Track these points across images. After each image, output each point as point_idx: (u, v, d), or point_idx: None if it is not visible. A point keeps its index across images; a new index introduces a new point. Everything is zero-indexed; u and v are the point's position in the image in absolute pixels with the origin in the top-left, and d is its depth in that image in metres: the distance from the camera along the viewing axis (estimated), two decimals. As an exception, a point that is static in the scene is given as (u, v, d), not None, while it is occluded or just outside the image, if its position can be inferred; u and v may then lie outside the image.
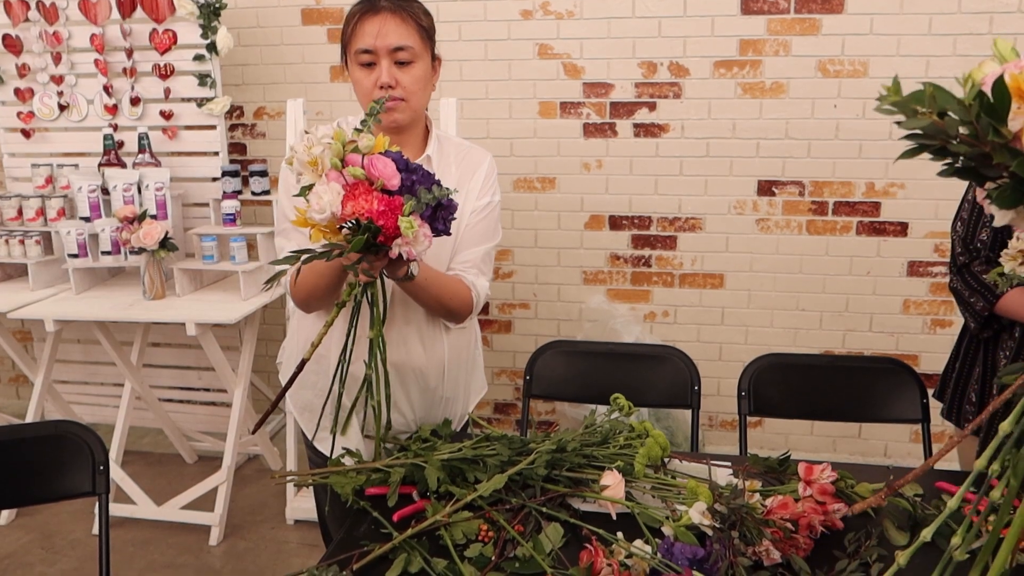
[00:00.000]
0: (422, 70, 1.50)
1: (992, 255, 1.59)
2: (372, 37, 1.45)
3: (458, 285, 1.56)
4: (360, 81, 1.50)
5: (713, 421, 3.24)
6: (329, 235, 1.24)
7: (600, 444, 1.36)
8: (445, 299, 1.53)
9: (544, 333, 3.21)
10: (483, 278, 1.61)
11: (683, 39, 2.93)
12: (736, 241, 3.05)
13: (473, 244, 1.61)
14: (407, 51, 1.47)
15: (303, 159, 1.23)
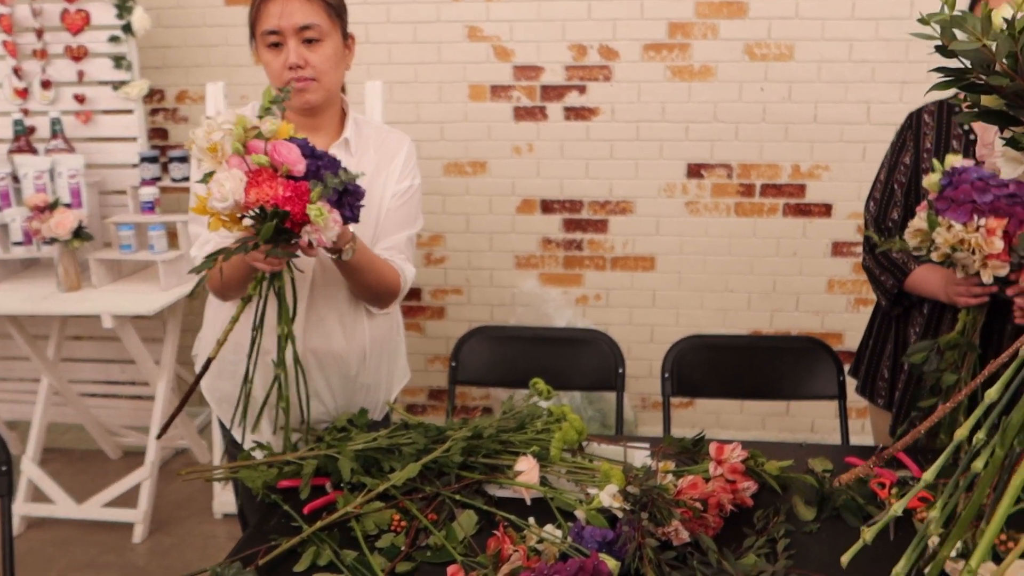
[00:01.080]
0: (332, 48, 1.47)
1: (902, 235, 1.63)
2: (276, 17, 1.41)
3: (389, 269, 1.54)
4: (270, 63, 1.46)
5: (646, 402, 3.27)
6: (230, 224, 1.20)
7: (517, 430, 1.35)
8: (377, 283, 1.51)
9: (477, 318, 3.19)
10: (409, 264, 1.60)
11: (612, 22, 2.93)
12: (666, 224, 3.07)
13: (396, 230, 1.58)
14: (314, 29, 1.43)
15: (202, 145, 1.19)
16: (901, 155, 1.62)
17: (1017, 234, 1.26)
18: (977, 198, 1.24)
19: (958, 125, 1.55)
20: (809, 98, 2.93)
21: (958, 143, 1.54)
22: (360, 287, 1.51)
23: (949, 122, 1.57)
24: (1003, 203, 1.24)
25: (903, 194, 1.62)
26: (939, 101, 1.61)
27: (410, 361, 3.25)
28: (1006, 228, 1.25)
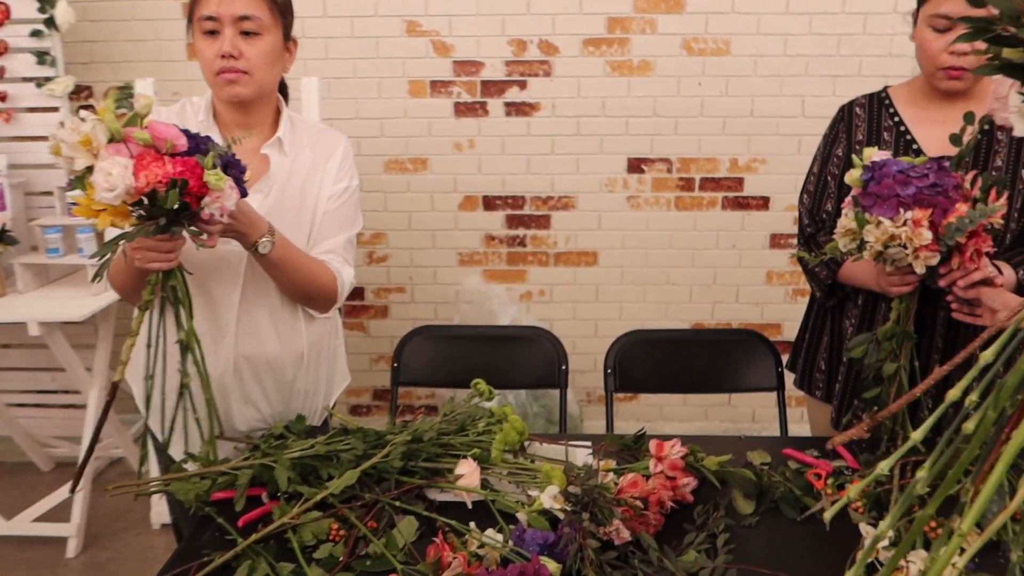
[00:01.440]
0: (270, 45, 1.43)
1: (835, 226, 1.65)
2: (216, 4, 1.37)
3: (323, 269, 1.50)
4: (203, 51, 1.41)
5: (591, 397, 3.29)
6: (119, 220, 1.16)
7: (458, 432, 1.34)
8: (308, 283, 1.47)
9: (421, 317, 3.17)
10: (348, 267, 1.56)
11: (552, 16, 2.92)
12: (608, 218, 3.09)
13: (333, 232, 1.55)
14: (253, 21, 1.39)
15: (72, 140, 1.13)
16: (834, 147, 1.65)
17: (943, 223, 1.28)
18: (900, 191, 1.26)
19: (889, 117, 1.59)
20: (745, 92, 2.97)
21: (889, 135, 1.58)
22: (289, 287, 1.48)
23: (880, 115, 1.60)
24: (926, 194, 1.25)
25: (836, 186, 1.64)
26: (870, 94, 1.64)
27: (353, 361, 3.22)
28: (931, 218, 1.27)
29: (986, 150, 1.51)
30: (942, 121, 1.54)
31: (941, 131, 1.54)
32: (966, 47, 1.41)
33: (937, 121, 1.55)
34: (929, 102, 1.56)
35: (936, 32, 1.45)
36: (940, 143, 1.54)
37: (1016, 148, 1.50)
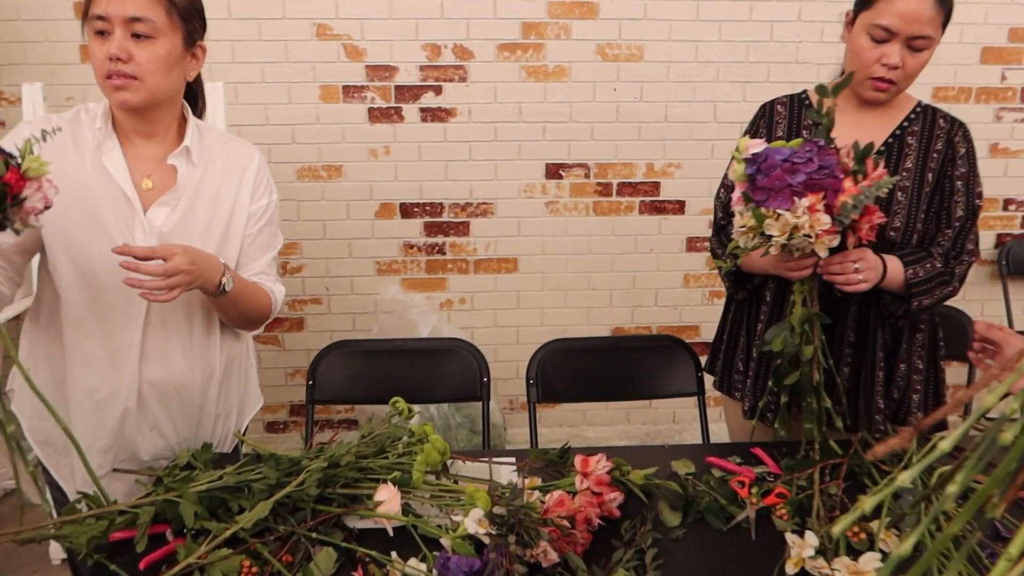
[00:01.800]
0: (165, 49, 1.33)
1: None
2: (106, 2, 1.27)
3: (262, 293, 1.47)
4: (93, 52, 1.31)
5: (514, 404, 3.27)
6: None
7: (377, 454, 1.28)
8: (252, 308, 1.45)
9: (338, 328, 3.08)
10: (279, 284, 1.54)
11: (466, 21, 2.88)
12: (527, 225, 3.07)
13: (261, 253, 1.51)
14: (146, 24, 1.29)
15: None
16: None
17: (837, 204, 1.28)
18: (791, 180, 1.25)
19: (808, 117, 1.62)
20: (659, 98, 3.00)
21: (808, 134, 1.60)
22: (238, 317, 1.45)
23: (800, 114, 1.63)
24: (815, 178, 1.25)
25: None
26: (791, 95, 1.67)
27: (269, 376, 3.12)
28: (824, 201, 1.27)
29: (897, 155, 1.55)
30: (858, 125, 1.58)
31: (856, 134, 1.57)
32: (898, 61, 1.44)
33: (853, 125, 1.58)
34: (847, 105, 1.59)
35: (873, 41, 1.46)
36: None
37: (924, 153, 1.54)
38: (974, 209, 1.53)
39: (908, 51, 1.44)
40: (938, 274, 1.51)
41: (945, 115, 1.57)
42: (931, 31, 1.43)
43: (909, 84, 1.52)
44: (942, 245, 1.53)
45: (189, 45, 1.38)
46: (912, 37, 1.43)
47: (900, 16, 1.41)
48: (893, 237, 1.55)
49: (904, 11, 1.41)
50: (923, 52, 1.45)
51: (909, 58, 1.45)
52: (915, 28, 1.41)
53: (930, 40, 1.44)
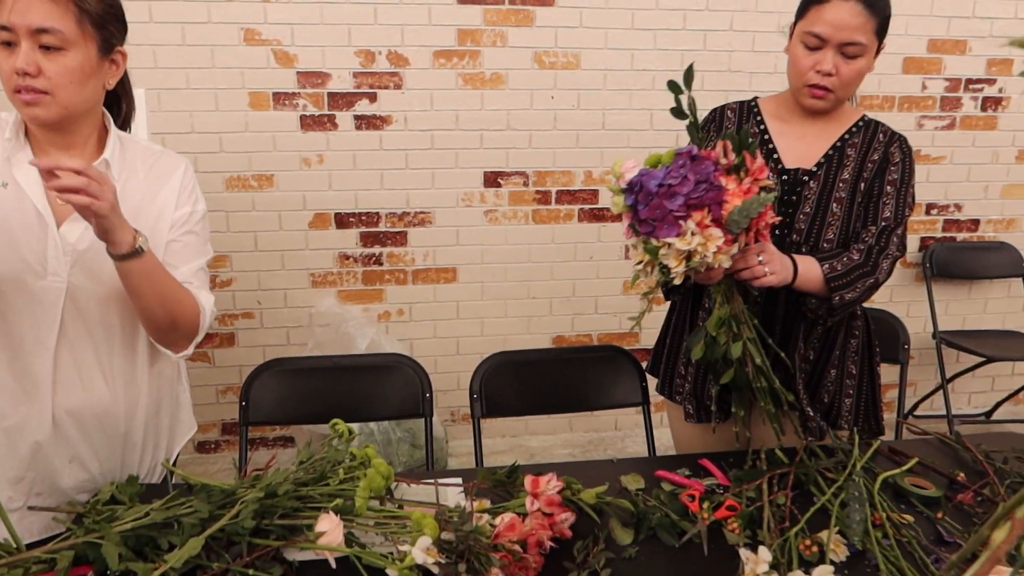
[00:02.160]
0: (77, 61, 1.23)
1: None
2: (9, 10, 1.17)
3: (184, 292, 1.32)
4: (0, 64, 1.21)
5: (455, 415, 3.22)
6: None
7: (317, 481, 1.22)
8: (176, 301, 1.29)
9: (272, 343, 2.98)
10: (207, 293, 1.39)
11: (401, 27, 2.83)
12: (466, 234, 3.03)
13: (182, 262, 1.37)
14: (54, 35, 1.19)
15: None
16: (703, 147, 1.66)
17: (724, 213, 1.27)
18: (671, 206, 1.22)
19: (756, 125, 1.62)
20: (597, 105, 3.00)
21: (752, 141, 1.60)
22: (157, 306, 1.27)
23: (749, 122, 1.64)
24: (694, 198, 1.23)
25: None
26: (741, 101, 1.67)
27: (199, 395, 2.99)
28: (712, 216, 1.25)
29: (836, 166, 1.57)
30: (802, 136, 1.59)
31: (800, 146, 1.59)
32: (831, 67, 1.46)
33: (798, 135, 1.59)
34: (792, 116, 1.60)
35: (807, 49, 1.48)
36: (797, 156, 1.59)
37: (860, 164, 1.56)
38: (903, 215, 1.54)
39: (842, 58, 1.46)
40: (857, 266, 1.50)
41: (886, 129, 1.59)
42: (862, 38, 1.44)
43: (848, 92, 1.53)
44: (865, 241, 1.53)
45: (106, 52, 1.29)
46: (843, 44, 1.44)
47: (830, 23, 1.43)
48: (827, 248, 1.55)
49: (833, 19, 1.43)
50: (857, 60, 1.47)
51: (843, 65, 1.46)
52: (845, 35, 1.43)
53: (862, 47, 1.45)
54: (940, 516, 1.30)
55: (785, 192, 1.58)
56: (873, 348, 1.68)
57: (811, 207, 1.56)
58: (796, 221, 1.57)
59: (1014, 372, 3.65)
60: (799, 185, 1.57)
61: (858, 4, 1.42)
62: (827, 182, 1.56)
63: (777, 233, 1.57)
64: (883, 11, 1.46)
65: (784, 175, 1.58)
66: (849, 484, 1.31)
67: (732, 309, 1.41)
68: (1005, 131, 3.34)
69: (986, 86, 3.27)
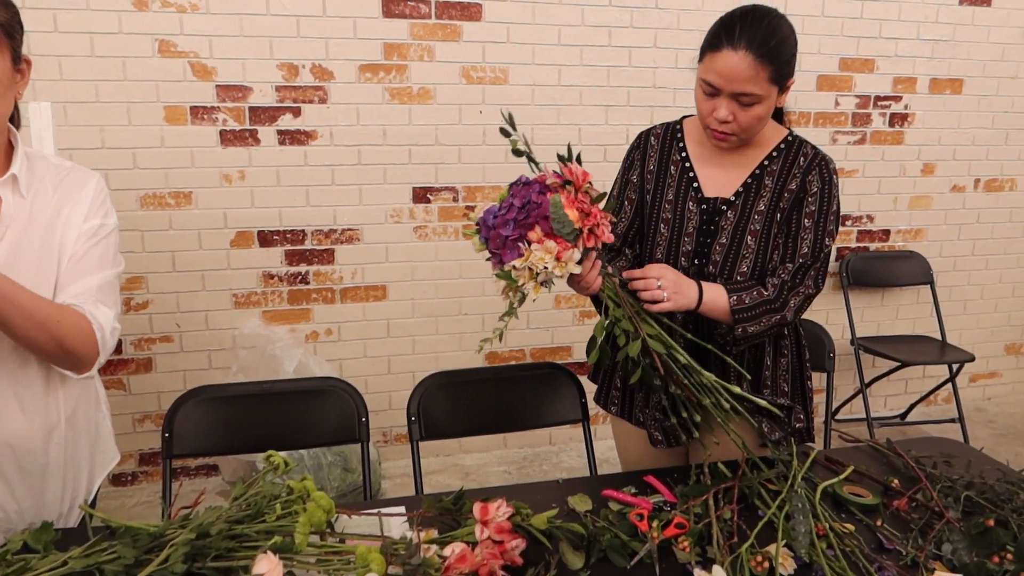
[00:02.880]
0: None
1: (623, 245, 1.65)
2: None
3: (68, 312, 1.22)
4: None
5: (388, 436, 3.14)
6: None
7: (253, 519, 1.15)
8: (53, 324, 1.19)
9: (192, 367, 2.85)
10: (104, 307, 1.29)
11: (324, 40, 2.76)
12: (396, 250, 2.97)
13: (83, 275, 1.28)
14: None
15: None
16: (629, 173, 1.66)
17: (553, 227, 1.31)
18: (506, 232, 1.30)
19: (678, 152, 1.61)
20: (525, 121, 2.99)
21: (675, 169, 1.60)
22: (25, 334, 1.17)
23: (671, 148, 1.61)
24: (522, 219, 1.31)
25: (632, 211, 1.64)
26: (667, 123, 1.65)
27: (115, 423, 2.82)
28: (544, 232, 1.30)
29: (753, 197, 1.56)
30: (720, 164, 1.57)
31: (718, 174, 1.58)
32: (727, 115, 1.41)
33: (716, 164, 1.57)
34: (710, 143, 1.58)
35: (705, 94, 1.44)
36: (717, 185, 1.57)
37: (777, 195, 1.55)
38: (820, 248, 1.51)
39: (737, 105, 1.41)
40: (765, 302, 1.48)
41: (808, 151, 1.54)
42: (754, 88, 1.38)
43: (751, 134, 1.47)
44: (780, 277, 1.51)
45: (17, 63, 1.22)
46: (736, 94, 1.39)
47: (720, 74, 1.38)
48: (740, 281, 1.53)
49: (723, 69, 1.38)
50: (754, 107, 1.40)
51: (740, 112, 1.41)
52: (736, 86, 1.38)
53: (757, 97, 1.39)
54: (879, 524, 1.33)
55: (703, 222, 1.56)
56: (804, 364, 1.67)
57: (727, 238, 1.54)
58: (712, 252, 1.54)
59: (925, 375, 3.82)
60: (717, 215, 1.55)
61: (748, 55, 1.36)
62: (744, 213, 1.54)
63: (696, 263, 1.56)
64: (778, 58, 1.38)
65: (703, 204, 1.56)
66: (792, 496, 1.32)
67: (624, 312, 1.42)
68: (911, 145, 3.50)
69: (893, 103, 3.43)
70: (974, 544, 1.23)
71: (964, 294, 3.79)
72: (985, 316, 3.87)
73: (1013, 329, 3.95)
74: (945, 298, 3.70)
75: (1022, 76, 3.56)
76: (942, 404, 3.85)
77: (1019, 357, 4.01)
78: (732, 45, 1.37)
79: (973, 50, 3.46)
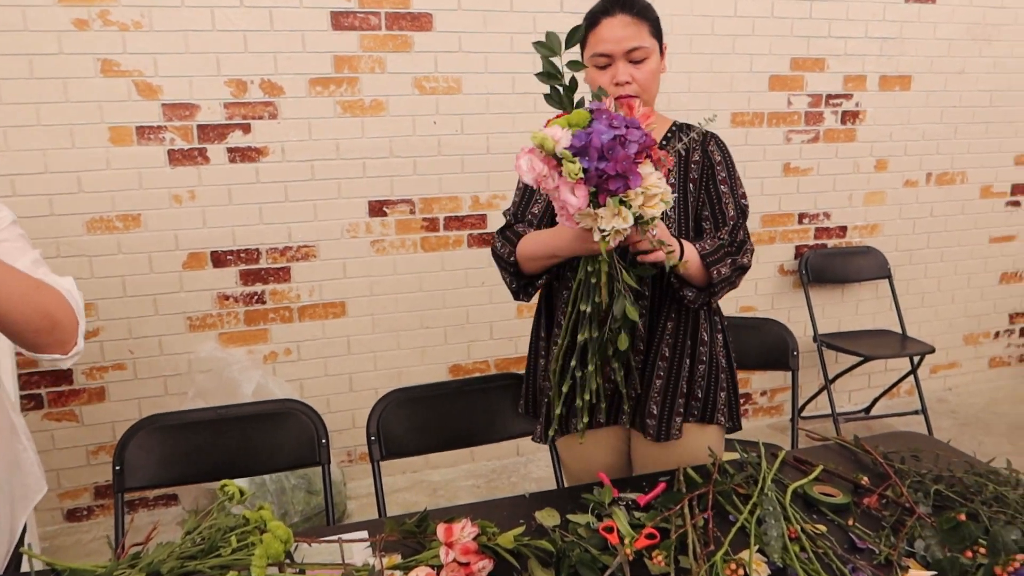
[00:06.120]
0: None
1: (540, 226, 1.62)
2: None
3: (39, 282, 1.12)
4: None
5: (352, 456, 3.08)
6: None
7: (208, 554, 1.10)
8: (37, 294, 1.09)
9: (147, 395, 2.76)
10: (57, 277, 1.19)
11: (273, 55, 2.71)
12: (353, 266, 2.92)
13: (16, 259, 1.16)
14: None
15: None
16: None
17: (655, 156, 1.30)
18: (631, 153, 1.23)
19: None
20: (480, 130, 2.97)
21: None
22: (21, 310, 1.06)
23: None
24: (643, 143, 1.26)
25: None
26: None
27: (67, 457, 2.74)
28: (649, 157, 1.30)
29: None
30: None
31: None
32: (627, 76, 1.49)
33: None
34: None
35: (599, 69, 1.52)
36: None
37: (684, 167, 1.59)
38: (742, 208, 1.59)
39: (632, 66, 1.50)
40: (721, 246, 1.53)
41: (698, 129, 1.63)
42: (642, 42, 1.49)
43: (651, 94, 1.55)
44: (721, 237, 1.56)
45: None
46: (628, 52, 1.49)
47: (608, 40, 1.49)
48: None
49: (609, 36, 1.49)
50: (647, 62, 1.51)
51: (636, 71, 1.50)
52: (625, 44, 1.48)
53: (646, 50, 1.50)
54: (851, 523, 1.32)
55: None
56: (728, 344, 1.69)
57: None
58: None
59: (887, 368, 3.86)
60: None
61: (627, 16, 1.49)
62: None
63: None
64: (650, 15, 1.53)
65: None
66: (763, 499, 1.31)
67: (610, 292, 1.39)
68: (864, 142, 3.55)
69: (844, 101, 3.47)
70: (946, 539, 1.22)
71: (921, 287, 3.85)
72: (943, 308, 3.93)
73: (970, 320, 4.02)
74: (903, 291, 3.75)
75: (968, 71, 3.63)
76: (905, 396, 3.89)
77: (977, 347, 4.08)
78: (610, 14, 1.50)
79: (920, 47, 3.52)
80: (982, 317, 4.04)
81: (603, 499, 1.36)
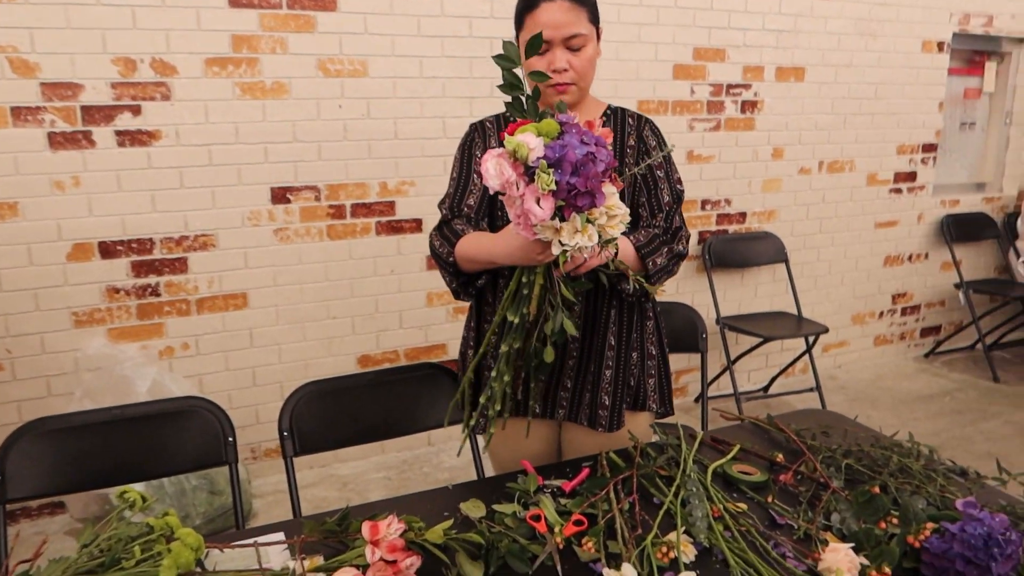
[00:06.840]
0: None
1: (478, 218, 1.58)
2: None
3: None
4: None
5: (256, 452, 2.96)
6: None
7: (110, 567, 1.01)
8: None
9: (29, 396, 2.56)
10: None
11: (165, 32, 2.55)
12: (255, 255, 2.79)
13: None
14: None
15: None
16: (472, 149, 1.61)
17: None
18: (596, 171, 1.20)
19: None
20: (388, 114, 2.89)
21: None
22: None
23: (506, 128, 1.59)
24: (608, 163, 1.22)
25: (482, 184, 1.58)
26: (498, 115, 1.62)
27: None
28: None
29: None
30: None
31: None
32: (563, 64, 1.47)
33: None
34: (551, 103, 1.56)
35: (537, 55, 1.47)
36: None
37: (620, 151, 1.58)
38: (678, 194, 1.61)
39: (569, 53, 1.48)
40: (656, 236, 1.53)
41: (633, 114, 1.63)
42: (580, 29, 1.47)
43: (587, 81, 1.54)
44: (658, 227, 1.57)
45: None
46: (566, 39, 1.47)
47: (547, 25, 1.45)
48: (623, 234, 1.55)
49: (548, 20, 1.46)
50: (584, 49, 1.49)
51: (573, 58, 1.48)
52: (564, 30, 1.46)
53: (584, 37, 1.48)
54: (770, 500, 1.34)
55: None
56: (662, 331, 1.70)
57: None
58: None
59: (783, 348, 4.02)
60: None
61: (565, 2, 1.46)
62: None
63: None
64: (588, 0, 1.51)
65: None
66: (687, 481, 1.31)
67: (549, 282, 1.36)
68: (762, 131, 3.67)
69: (743, 90, 3.57)
70: (861, 512, 1.26)
71: (814, 270, 4.02)
72: (833, 290, 4.12)
73: (857, 300, 4.23)
74: (799, 275, 3.91)
75: (856, 64, 3.80)
76: (799, 375, 4.06)
77: (864, 326, 4.30)
78: None
79: (813, 39, 3.66)
80: (868, 298, 4.26)
81: (528, 487, 1.34)
